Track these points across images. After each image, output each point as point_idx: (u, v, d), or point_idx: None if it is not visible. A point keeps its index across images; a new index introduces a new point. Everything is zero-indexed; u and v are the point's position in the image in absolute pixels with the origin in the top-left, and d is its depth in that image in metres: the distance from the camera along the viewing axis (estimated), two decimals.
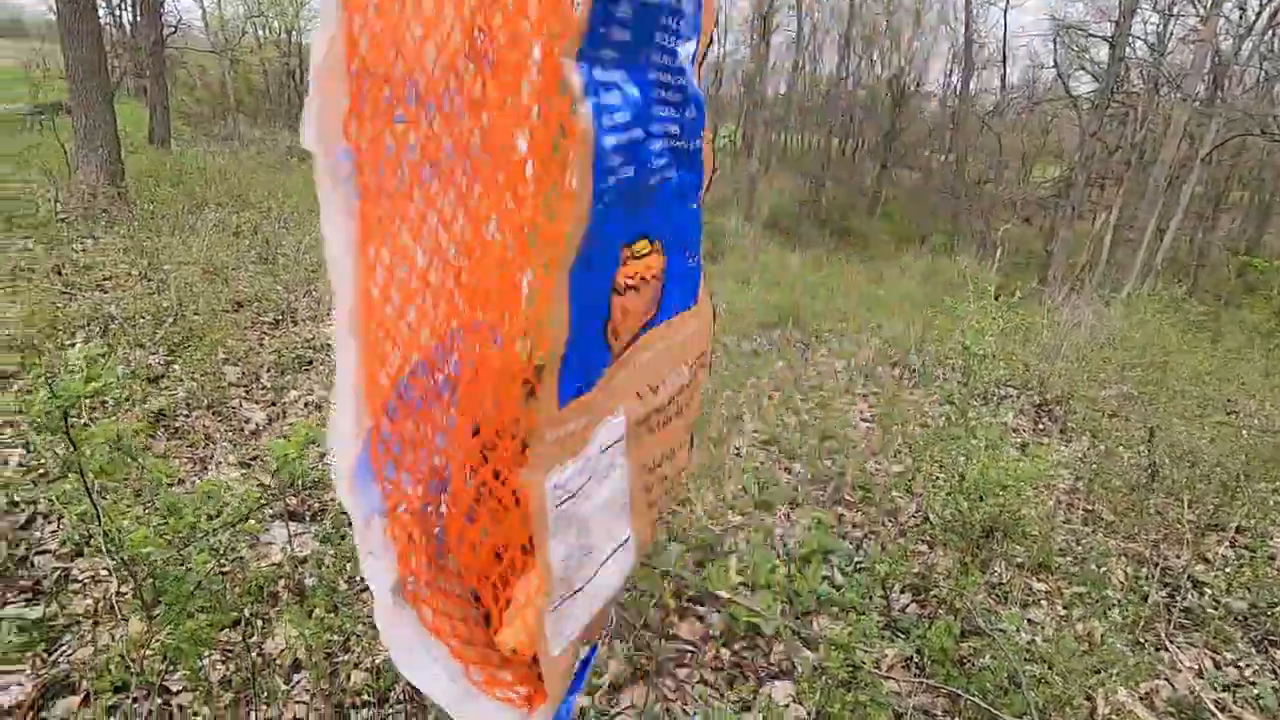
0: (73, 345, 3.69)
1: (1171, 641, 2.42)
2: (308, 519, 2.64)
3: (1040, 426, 4.71)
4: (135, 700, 1.80)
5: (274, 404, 3.57)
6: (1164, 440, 3.85)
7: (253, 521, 2.45)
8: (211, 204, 7.51)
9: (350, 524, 0.58)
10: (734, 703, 2.02)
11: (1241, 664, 2.41)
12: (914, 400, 4.82)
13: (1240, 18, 14.43)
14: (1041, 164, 24.25)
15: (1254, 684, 2.32)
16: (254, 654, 1.94)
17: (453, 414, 0.59)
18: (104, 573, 2.24)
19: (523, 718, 0.64)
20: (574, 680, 0.70)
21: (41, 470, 2.69)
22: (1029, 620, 2.43)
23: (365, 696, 1.91)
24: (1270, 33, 15.61)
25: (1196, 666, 2.37)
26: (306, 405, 3.62)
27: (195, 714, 1.79)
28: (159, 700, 1.82)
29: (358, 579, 2.33)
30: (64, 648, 1.96)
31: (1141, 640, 2.41)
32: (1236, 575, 2.83)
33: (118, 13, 18.63)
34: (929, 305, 7.60)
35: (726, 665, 2.17)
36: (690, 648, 2.24)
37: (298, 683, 1.95)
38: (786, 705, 2.01)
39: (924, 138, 26.87)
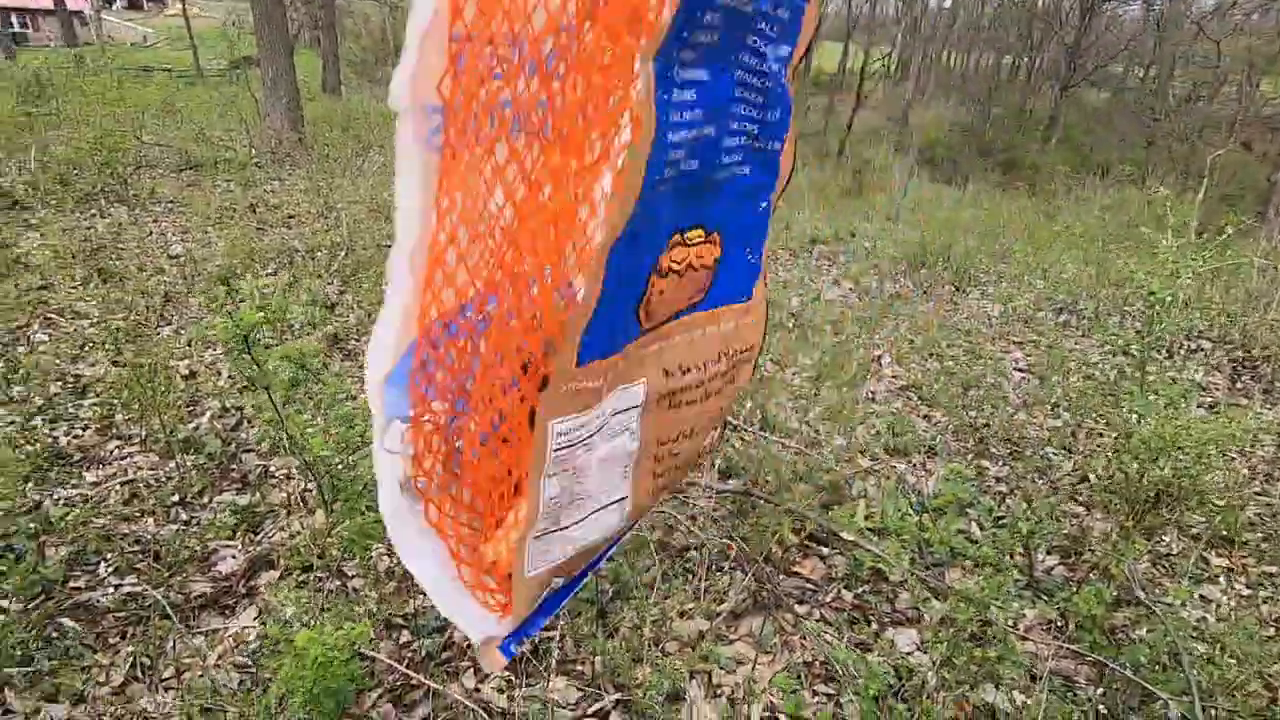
0: (268, 275, 4.20)
1: None
2: None
3: (1239, 385, 4.10)
4: (320, 579, 2.10)
5: None
6: None
7: None
8: (375, 147, 8.10)
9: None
10: (853, 644, 2.01)
11: None
12: (1080, 350, 4.35)
13: None
14: (1273, 77, 20.17)
15: None
16: None
17: (485, 348, 0.64)
18: (294, 471, 2.60)
19: (493, 622, 0.71)
20: (543, 604, 0.76)
21: (245, 382, 3.12)
22: (1200, 597, 2.19)
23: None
24: None
25: None
26: None
27: (366, 595, 2.07)
28: (338, 581, 2.12)
29: None
30: (265, 531, 2.32)
31: None
32: None
33: None
34: (1110, 243, 6.74)
35: (848, 607, 2.16)
36: (811, 586, 2.25)
37: None
38: (910, 653, 1.98)
39: (1118, 50, 23.19)
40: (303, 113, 7.96)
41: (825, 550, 2.37)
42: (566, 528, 0.70)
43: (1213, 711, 1.61)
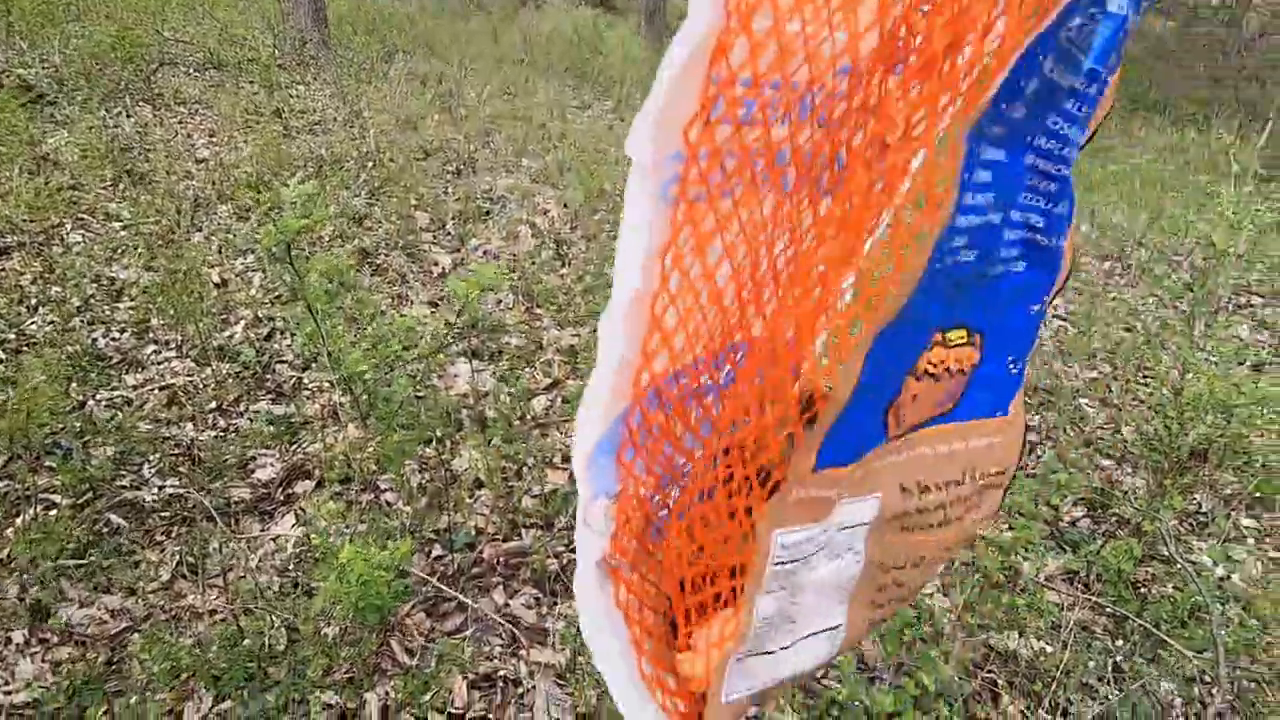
0: (296, 184, 4.14)
1: None
2: (487, 358, 2.89)
3: None
4: (355, 492, 2.16)
5: (458, 250, 3.84)
6: None
7: (441, 355, 2.72)
8: (401, 52, 7.81)
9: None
10: None
11: None
12: (1124, 300, 4.22)
13: None
14: None
15: None
16: (444, 469, 2.23)
17: (709, 422, 0.58)
18: (327, 385, 2.63)
19: None
20: None
21: (278, 293, 3.13)
22: (1228, 557, 2.19)
23: (535, 519, 2.14)
24: None
25: None
26: (485, 254, 3.85)
27: (399, 511, 2.12)
28: (372, 495, 2.17)
29: (529, 418, 2.55)
30: (301, 441, 2.37)
31: None
32: None
33: None
34: (1166, 188, 6.43)
35: None
36: None
37: (479, 498, 2.22)
38: (930, 595, 2.01)
39: None
40: (326, 12, 7.64)
41: None
42: (772, 653, 0.63)
43: (1234, 670, 1.63)
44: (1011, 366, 0.67)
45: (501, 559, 2.04)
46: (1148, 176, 7.00)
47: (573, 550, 2.07)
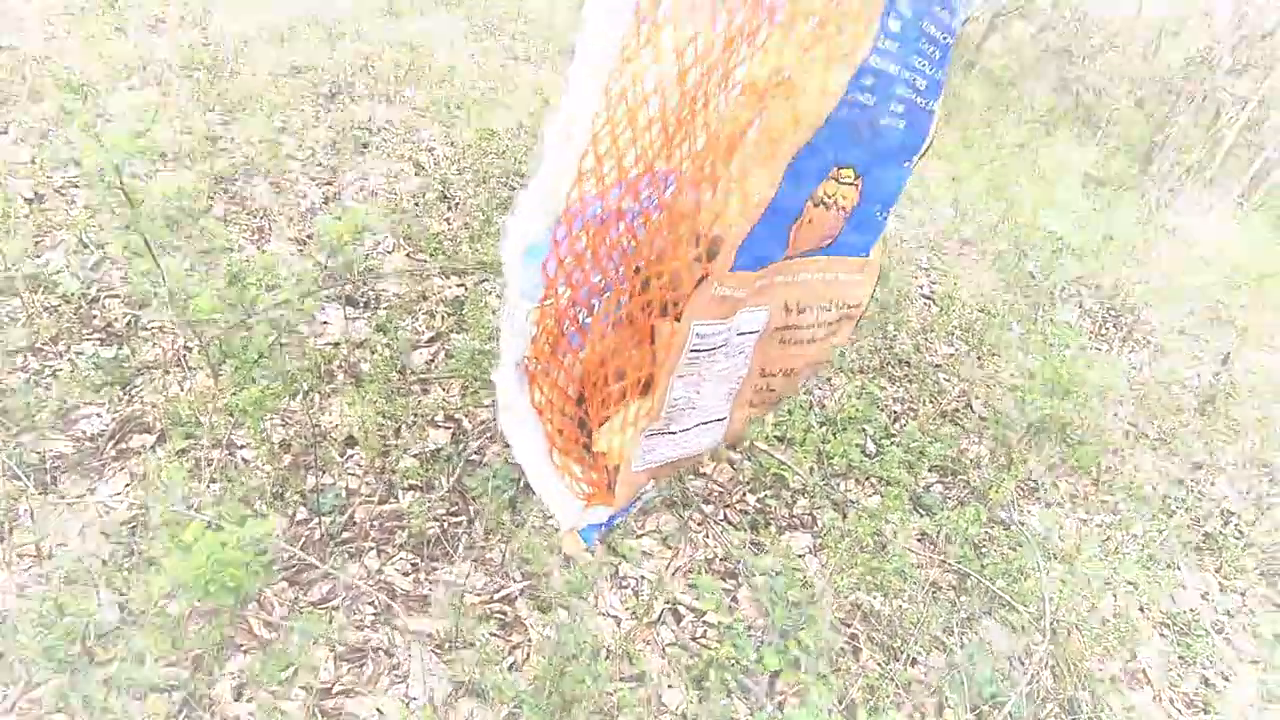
0: (129, 89, 3.57)
1: (1184, 563, 2.46)
2: (363, 306, 2.67)
3: (1102, 332, 4.52)
4: (205, 448, 1.93)
5: (330, 184, 3.49)
6: (1236, 369, 3.68)
7: (310, 300, 2.47)
8: None
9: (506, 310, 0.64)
10: (753, 544, 2.13)
11: (1247, 593, 2.46)
12: (978, 284, 4.60)
13: None
14: (1184, 38, 21.13)
15: (1254, 613, 2.39)
16: (312, 425, 2.04)
17: (630, 243, 0.66)
18: (170, 325, 2.32)
19: (577, 509, 0.79)
20: (629, 503, 0.82)
21: (111, 216, 2.70)
22: (1056, 521, 2.47)
23: (414, 480, 2.02)
24: None
25: (1203, 589, 2.42)
26: (361, 190, 3.54)
27: (259, 469, 1.93)
28: (225, 452, 1.95)
29: (410, 372, 2.39)
30: (137, 390, 2.08)
31: (1155, 555, 2.45)
32: (1268, 511, 2.81)
33: None
34: (1020, 183, 7.03)
35: (751, 510, 2.26)
36: (719, 488, 2.33)
37: (351, 457, 2.06)
38: (803, 555, 2.12)
39: None
40: None
41: (734, 455, 2.45)
42: (674, 433, 0.74)
43: (1055, 619, 1.85)
44: (879, 213, 0.79)
45: (375, 522, 1.91)
46: (1007, 170, 7.63)
47: (454, 515, 1.99)
